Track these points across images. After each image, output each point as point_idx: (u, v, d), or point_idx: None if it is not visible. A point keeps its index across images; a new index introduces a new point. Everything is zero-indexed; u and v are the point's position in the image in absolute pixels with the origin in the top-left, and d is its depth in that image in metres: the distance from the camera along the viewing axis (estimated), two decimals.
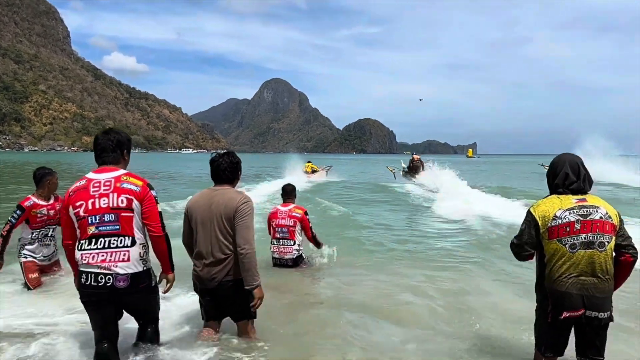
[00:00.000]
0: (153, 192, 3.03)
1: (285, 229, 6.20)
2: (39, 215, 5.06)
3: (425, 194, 19.23)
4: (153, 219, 3.00)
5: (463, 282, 5.91)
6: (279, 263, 6.25)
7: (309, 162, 32.05)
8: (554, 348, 2.85)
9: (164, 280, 3.24)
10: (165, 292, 3.28)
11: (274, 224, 6.28)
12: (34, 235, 5.12)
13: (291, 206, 6.35)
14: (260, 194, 17.53)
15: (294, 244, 6.22)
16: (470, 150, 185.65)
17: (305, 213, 6.31)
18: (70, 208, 2.97)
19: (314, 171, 30.34)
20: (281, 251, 6.25)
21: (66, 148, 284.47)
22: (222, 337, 3.63)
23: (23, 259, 5.12)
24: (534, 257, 2.93)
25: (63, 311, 4.24)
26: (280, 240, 6.25)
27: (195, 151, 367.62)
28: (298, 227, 6.22)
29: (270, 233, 6.37)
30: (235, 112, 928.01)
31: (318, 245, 6.50)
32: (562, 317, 2.72)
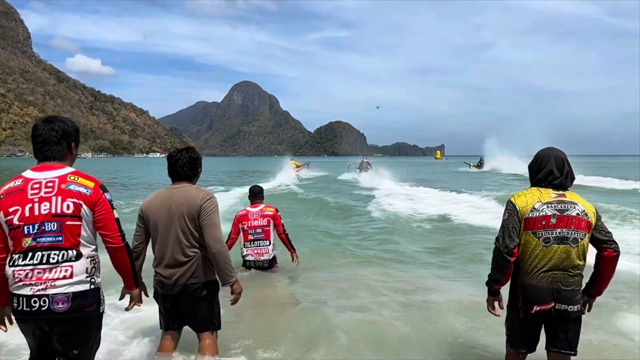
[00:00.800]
0: (107, 195, 2.51)
1: (259, 230, 6.03)
2: None
3: (367, 192, 21.66)
4: (109, 227, 2.49)
5: (418, 280, 6.02)
6: (254, 265, 6.02)
7: (292, 160, 40.90)
8: (526, 343, 2.88)
9: (127, 296, 2.83)
10: (128, 309, 2.93)
11: (245, 226, 6.04)
12: None
13: (261, 206, 6.18)
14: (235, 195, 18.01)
15: (270, 243, 6.07)
16: (439, 152, 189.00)
17: (277, 210, 6.19)
18: (1, 214, 2.39)
19: (297, 166, 38.81)
20: (257, 253, 6.03)
21: (27, 154, 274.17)
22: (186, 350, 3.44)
23: None
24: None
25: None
26: (255, 242, 6.03)
27: (163, 155, 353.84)
28: (272, 226, 6.09)
29: (232, 235, 6.07)
30: (205, 115, 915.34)
31: (291, 245, 6.27)
32: (532, 311, 2.75)
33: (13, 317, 2.53)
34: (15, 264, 2.40)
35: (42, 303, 2.36)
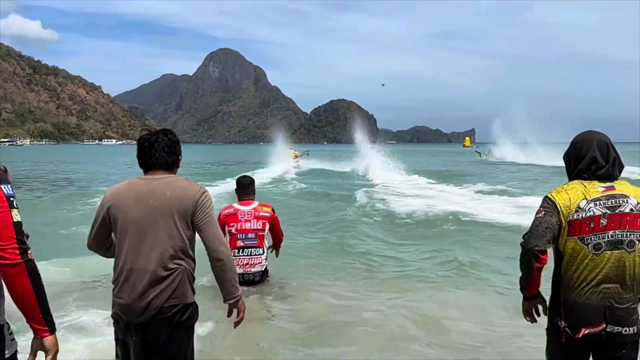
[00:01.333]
0: (4, 188, 2.12)
1: (252, 235, 5.97)
2: None
3: (369, 188, 22.67)
4: (1, 234, 2.07)
5: (427, 292, 6.43)
6: (243, 279, 5.86)
7: (291, 149, 48.73)
8: None
9: (43, 353, 2.27)
10: None
11: (233, 229, 5.94)
12: None
13: (255, 204, 6.11)
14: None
15: (263, 252, 6.05)
16: (468, 138, 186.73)
17: (273, 211, 6.19)
18: None
19: (296, 156, 46.24)
20: (246, 263, 5.98)
21: None
22: None
23: None
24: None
25: None
26: (246, 250, 5.96)
27: (120, 142, 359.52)
28: (267, 230, 6.08)
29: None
30: (173, 92, 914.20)
31: (280, 244, 6.41)
32: (579, 335, 2.74)
33: None
34: None
35: None
